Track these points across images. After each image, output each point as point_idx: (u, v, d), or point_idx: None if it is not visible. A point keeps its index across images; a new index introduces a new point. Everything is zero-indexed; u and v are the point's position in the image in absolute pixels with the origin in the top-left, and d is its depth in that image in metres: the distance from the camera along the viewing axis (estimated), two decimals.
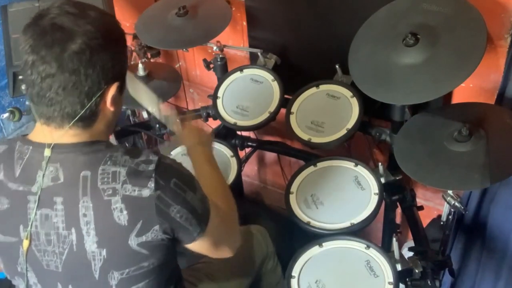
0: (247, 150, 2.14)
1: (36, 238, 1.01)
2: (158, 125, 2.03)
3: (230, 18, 1.85)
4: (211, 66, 1.94)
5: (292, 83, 1.78)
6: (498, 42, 1.52)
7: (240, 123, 1.77)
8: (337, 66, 1.72)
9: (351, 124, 1.62)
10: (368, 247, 1.41)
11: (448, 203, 1.46)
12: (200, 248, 1.10)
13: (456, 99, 1.69)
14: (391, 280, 1.33)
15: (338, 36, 1.77)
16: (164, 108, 1.41)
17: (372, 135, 1.74)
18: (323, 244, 1.44)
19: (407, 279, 1.38)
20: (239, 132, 2.05)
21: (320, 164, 1.64)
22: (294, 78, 1.82)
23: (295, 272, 1.40)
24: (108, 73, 0.97)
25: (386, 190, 1.56)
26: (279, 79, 1.80)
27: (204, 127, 1.28)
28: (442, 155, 1.38)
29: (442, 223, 1.57)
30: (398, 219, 1.95)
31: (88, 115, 0.98)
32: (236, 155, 1.79)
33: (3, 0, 1.91)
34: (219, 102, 1.83)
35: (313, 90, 1.75)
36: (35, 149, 1.00)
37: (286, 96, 1.78)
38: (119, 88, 1.02)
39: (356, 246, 1.42)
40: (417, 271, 1.37)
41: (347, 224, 1.45)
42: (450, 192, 1.44)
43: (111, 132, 1.08)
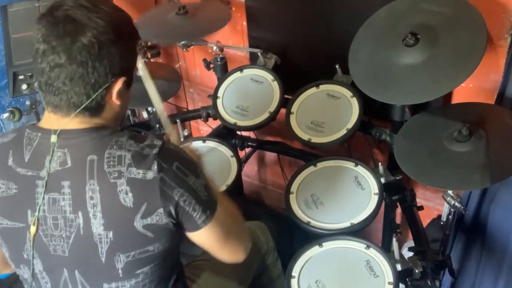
0: (247, 150, 2.15)
1: (44, 222, 1.03)
2: (158, 125, 2.03)
3: (229, 17, 1.86)
4: (211, 66, 1.94)
5: (292, 83, 1.78)
6: (498, 42, 1.52)
7: (240, 123, 1.78)
8: (337, 66, 1.72)
9: (351, 124, 1.62)
10: (368, 247, 1.41)
11: (448, 203, 1.46)
12: (207, 239, 1.10)
13: (456, 99, 1.69)
14: (391, 280, 1.33)
15: (338, 36, 1.77)
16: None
17: (372, 135, 1.74)
18: (323, 244, 1.44)
19: (407, 279, 1.38)
20: (239, 132, 2.05)
21: (320, 164, 1.64)
22: (294, 78, 1.82)
23: (295, 272, 1.40)
24: (115, 67, 1.00)
25: (386, 190, 1.56)
26: (279, 79, 1.81)
27: (196, 151, 1.30)
28: (442, 155, 1.38)
29: (442, 223, 1.57)
30: (398, 219, 1.95)
31: (94, 106, 1.01)
32: (236, 155, 1.79)
33: (3, 0, 1.91)
34: (219, 102, 1.83)
35: (313, 90, 1.75)
36: (43, 135, 1.03)
37: (286, 96, 1.78)
38: (126, 83, 1.04)
39: (356, 246, 1.42)
40: (417, 271, 1.37)
41: (347, 224, 1.46)
42: (450, 192, 1.44)
43: (119, 123, 1.10)
